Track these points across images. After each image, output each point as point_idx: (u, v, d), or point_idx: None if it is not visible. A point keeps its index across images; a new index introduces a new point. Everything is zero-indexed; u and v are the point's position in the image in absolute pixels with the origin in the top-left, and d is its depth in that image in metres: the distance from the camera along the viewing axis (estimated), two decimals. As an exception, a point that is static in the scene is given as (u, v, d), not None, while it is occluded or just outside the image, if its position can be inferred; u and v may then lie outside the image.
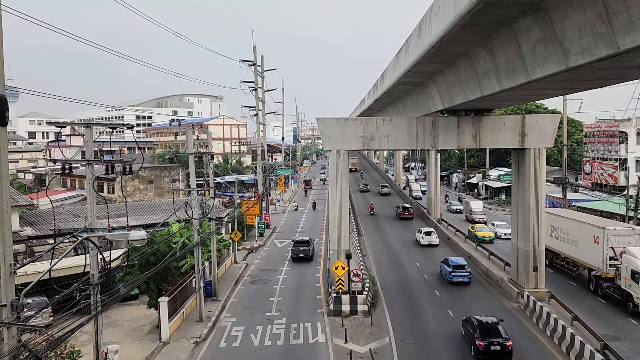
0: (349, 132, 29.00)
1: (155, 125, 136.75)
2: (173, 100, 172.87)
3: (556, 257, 34.62)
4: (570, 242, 32.17)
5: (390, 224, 53.22)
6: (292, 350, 22.35)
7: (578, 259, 31.56)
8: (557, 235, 33.80)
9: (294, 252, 39.09)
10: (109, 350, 19.26)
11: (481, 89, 20.91)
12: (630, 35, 10.73)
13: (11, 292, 10.15)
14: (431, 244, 42.22)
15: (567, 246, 32.65)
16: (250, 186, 74.60)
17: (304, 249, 38.86)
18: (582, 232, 30.78)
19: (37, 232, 32.63)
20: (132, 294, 29.05)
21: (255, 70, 52.61)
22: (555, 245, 33.92)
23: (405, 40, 24.48)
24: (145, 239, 13.79)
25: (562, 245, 33.25)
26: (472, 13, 13.93)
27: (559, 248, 33.74)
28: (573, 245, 31.85)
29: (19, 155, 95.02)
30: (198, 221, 25.86)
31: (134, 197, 54.10)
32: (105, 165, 16.44)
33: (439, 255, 37.75)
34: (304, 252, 38.70)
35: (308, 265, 37.50)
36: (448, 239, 44.25)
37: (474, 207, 55.69)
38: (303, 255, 38.53)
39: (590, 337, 21.53)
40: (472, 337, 21.13)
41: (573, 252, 32.08)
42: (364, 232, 47.68)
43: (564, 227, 33.00)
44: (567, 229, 32.57)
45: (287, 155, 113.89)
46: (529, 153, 28.57)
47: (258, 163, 54.56)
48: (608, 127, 59.18)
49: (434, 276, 33.31)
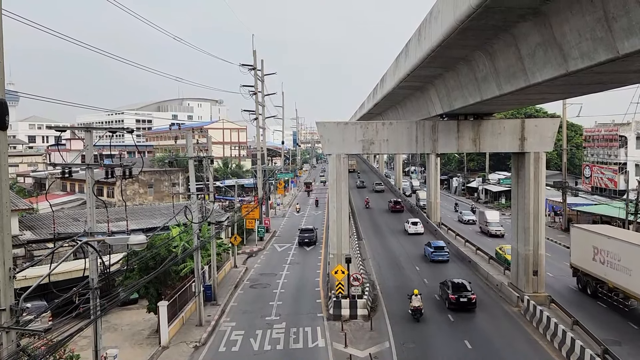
0: (348, 136, 29.02)
1: (155, 129, 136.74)
2: (173, 104, 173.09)
3: (601, 285, 28.78)
4: (622, 269, 26.14)
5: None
6: (291, 354, 22.29)
7: (633, 291, 25.52)
8: (602, 259, 27.96)
9: (300, 237, 46.20)
10: (108, 355, 19.21)
11: (481, 93, 20.94)
12: (630, 40, 10.75)
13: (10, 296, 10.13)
14: (417, 232, 48.92)
15: (618, 274, 26.61)
16: (250, 190, 74.57)
17: (309, 235, 46.13)
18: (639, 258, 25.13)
19: (37, 236, 32.59)
20: (132, 298, 29.05)
21: (255, 74, 52.68)
22: (599, 272, 28.26)
23: (404, 45, 24.53)
24: (144, 243, 13.77)
25: (610, 272, 27.28)
26: (472, 17, 13.96)
27: (605, 275, 27.79)
28: (626, 274, 25.87)
29: (19, 159, 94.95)
30: (198, 225, 25.83)
31: (133, 201, 54.14)
32: (105, 169, 16.46)
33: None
34: (308, 237, 45.98)
35: (308, 267, 37.49)
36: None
37: (490, 218, 50.52)
38: (308, 240, 45.80)
39: (590, 342, 21.49)
40: (447, 293, 27.80)
41: (626, 281, 25.94)
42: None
43: (612, 250, 27.17)
44: (617, 253, 26.63)
45: (287, 159, 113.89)
46: (528, 157, 28.59)
47: (258, 167, 54.55)
48: (607, 131, 59.25)
49: (432, 280, 33.27)
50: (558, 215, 55.98)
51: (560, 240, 46.80)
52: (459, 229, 51.08)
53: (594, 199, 52.04)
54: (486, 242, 44.92)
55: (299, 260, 40.49)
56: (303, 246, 45.45)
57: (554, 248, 41.57)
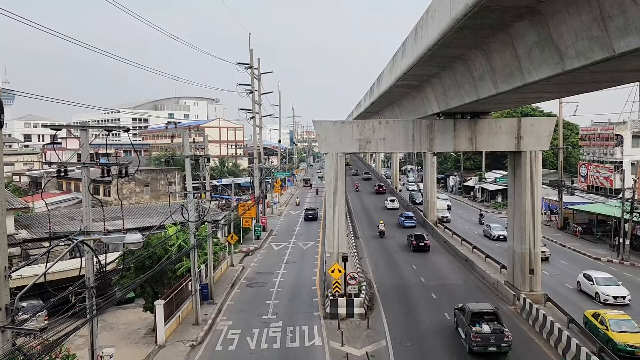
0: (345, 134, 29.01)
1: (151, 128, 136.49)
2: (169, 102, 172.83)
3: None
4: None
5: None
6: (288, 353, 22.29)
7: None
8: None
9: (306, 214, 59.69)
10: (105, 354, 19.17)
11: (477, 92, 20.96)
12: (626, 39, 10.77)
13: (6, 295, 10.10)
14: (393, 207, 63.56)
15: None
16: (247, 189, 74.51)
17: (312, 213, 59.41)
18: None
19: (33, 235, 32.48)
20: (128, 297, 28.98)
21: (252, 72, 52.58)
22: None
23: (401, 44, 24.55)
24: (140, 242, 13.72)
25: None
26: (468, 16, 13.98)
27: None
28: None
29: (15, 157, 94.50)
30: (194, 224, 25.78)
31: (130, 200, 54.00)
32: (101, 168, 16.38)
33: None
34: (312, 214, 59.10)
35: (305, 266, 37.49)
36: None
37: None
38: (311, 216, 58.74)
39: (586, 340, 21.56)
40: (410, 241, 41.70)
41: None
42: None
43: None
44: None
45: (284, 158, 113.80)
46: (524, 156, 28.64)
47: (255, 166, 54.48)
48: (603, 130, 59.38)
49: (431, 279, 33.37)
50: (554, 214, 56.17)
51: (557, 238, 46.97)
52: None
53: (590, 198, 52.20)
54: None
55: (295, 259, 40.48)
56: (308, 220, 58.23)
57: (550, 246, 41.61)
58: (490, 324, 21.44)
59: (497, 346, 20.61)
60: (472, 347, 20.87)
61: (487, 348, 20.63)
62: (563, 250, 42.89)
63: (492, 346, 20.59)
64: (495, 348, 20.62)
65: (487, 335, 20.73)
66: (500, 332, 20.80)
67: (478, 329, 21.18)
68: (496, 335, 20.70)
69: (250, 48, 53.03)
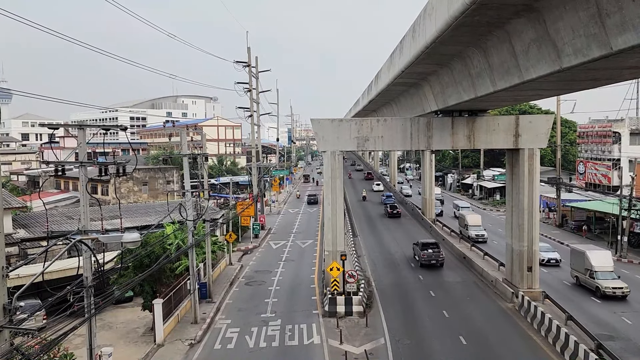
0: (343, 133, 28.99)
1: (149, 127, 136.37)
2: (167, 101, 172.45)
3: None
4: None
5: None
6: (287, 351, 22.30)
7: None
8: None
9: (308, 199, 71.36)
10: (103, 353, 19.15)
11: (475, 89, 20.96)
12: (623, 36, 10.77)
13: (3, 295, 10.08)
14: (379, 189, 79.45)
15: None
16: (245, 187, 74.50)
17: (314, 198, 70.96)
18: None
19: (30, 235, 32.42)
20: (126, 296, 28.96)
21: (250, 71, 52.52)
22: None
23: (399, 42, 24.52)
24: (138, 241, 13.70)
25: None
26: (466, 14, 13.97)
27: None
28: None
29: (12, 157, 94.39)
30: (192, 223, 25.76)
31: (128, 198, 53.90)
32: (99, 167, 16.33)
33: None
34: (313, 199, 70.59)
35: (303, 264, 37.50)
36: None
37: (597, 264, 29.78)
38: (313, 201, 70.19)
39: (584, 337, 21.62)
40: (385, 208, 58.52)
41: None
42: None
43: None
44: None
45: (282, 156, 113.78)
46: (522, 153, 28.66)
47: (253, 164, 54.45)
48: (601, 128, 59.48)
49: (429, 277, 33.42)
50: (552, 212, 56.25)
51: (555, 236, 47.05)
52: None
53: (588, 195, 52.31)
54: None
55: (294, 257, 40.49)
56: (310, 205, 69.23)
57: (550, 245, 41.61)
58: (432, 249, 35.62)
59: (436, 261, 35.26)
60: (422, 262, 35.42)
61: (430, 262, 35.26)
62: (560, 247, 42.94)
63: (433, 260, 35.24)
64: (435, 262, 35.19)
65: (430, 255, 35.19)
66: (437, 253, 35.36)
67: (425, 252, 35.40)
68: (435, 254, 35.28)
69: (248, 46, 52.73)
